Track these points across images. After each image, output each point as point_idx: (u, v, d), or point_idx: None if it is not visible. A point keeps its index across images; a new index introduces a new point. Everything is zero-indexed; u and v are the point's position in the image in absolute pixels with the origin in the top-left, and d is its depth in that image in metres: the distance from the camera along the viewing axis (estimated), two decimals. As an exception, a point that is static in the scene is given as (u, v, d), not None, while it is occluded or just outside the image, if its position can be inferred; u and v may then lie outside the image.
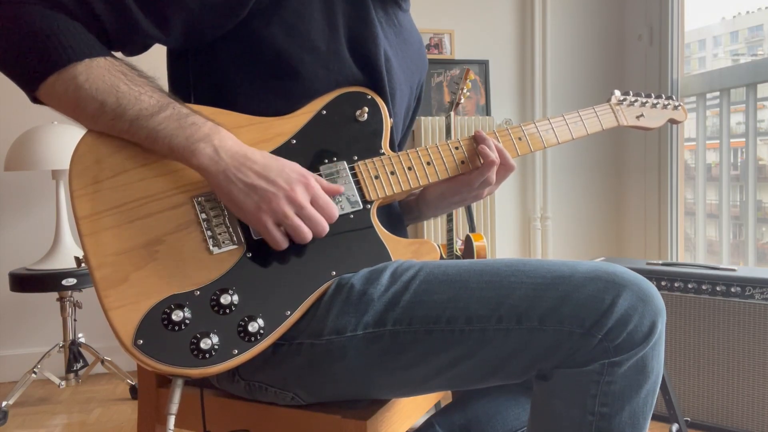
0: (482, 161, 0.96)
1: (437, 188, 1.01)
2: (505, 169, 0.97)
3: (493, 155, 0.95)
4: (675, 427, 1.70)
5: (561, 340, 0.74)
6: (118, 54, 0.83)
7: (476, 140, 0.97)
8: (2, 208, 2.58)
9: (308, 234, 0.81)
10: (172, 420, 0.76)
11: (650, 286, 0.77)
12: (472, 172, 0.97)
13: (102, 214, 0.78)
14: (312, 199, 0.81)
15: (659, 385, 0.78)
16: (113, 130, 0.79)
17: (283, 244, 0.81)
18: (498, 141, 0.99)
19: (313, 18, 0.89)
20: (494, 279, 0.78)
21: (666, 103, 1.16)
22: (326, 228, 0.82)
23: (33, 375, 2.22)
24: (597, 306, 0.73)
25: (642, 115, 1.13)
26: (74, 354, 2.33)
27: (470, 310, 0.77)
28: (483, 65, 2.97)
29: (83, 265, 2.12)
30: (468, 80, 2.17)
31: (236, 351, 0.76)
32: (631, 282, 0.75)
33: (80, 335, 2.36)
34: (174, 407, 0.76)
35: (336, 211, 0.84)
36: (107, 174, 0.79)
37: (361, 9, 0.94)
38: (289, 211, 0.79)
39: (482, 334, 0.76)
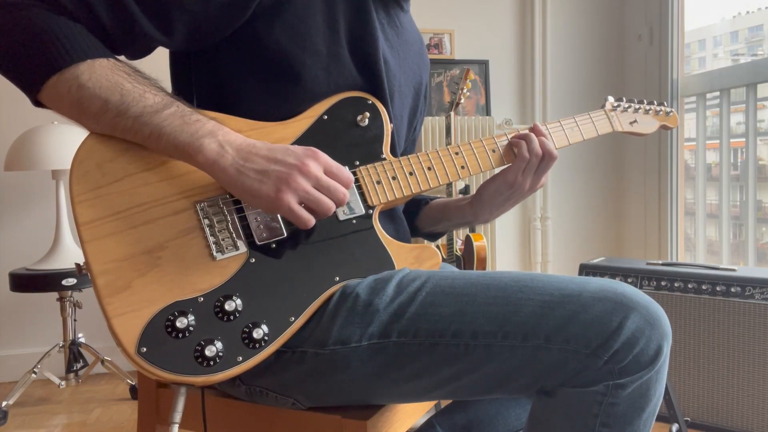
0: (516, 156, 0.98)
1: (489, 187, 1.02)
2: (549, 159, 0.99)
3: (525, 153, 0.97)
4: (675, 427, 1.70)
5: (566, 360, 0.74)
6: (121, 57, 0.82)
7: (533, 131, 1.00)
8: (2, 208, 2.58)
9: (331, 205, 0.79)
10: (176, 429, 0.75)
11: (658, 309, 0.76)
12: (510, 169, 0.99)
13: (103, 220, 0.77)
14: (324, 169, 0.80)
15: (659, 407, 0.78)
16: (116, 129, 0.78)
17: (311, 221, 0.79)
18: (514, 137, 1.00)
19: (314, 20, 0.89)
20: (501, 294, 0.78)
21: (658, 109, 1.17)
22: (346, 194, 0.81)
23: (33, 375, 2.21)
24: (604, 327, 0.73)
25: (635, 121, 1.14)
26: (74, 354, 2.33)
27: (476, 325, 0.76)
28: (483, 65, 2.96)
29: (84, 271, 2.12)
30: (468, 80, 2.17)
31: (241, 358, 0.76)
32: (640, 304, 0.75)
33: (80, 335, 2.36)
34: (178, 416, 0.76)
35: (350, 175, 0.82)
36: (108, 179, 0.78)
37: (362, 10, 0.93)
38: (308, 186, 0.77)
39: (487, 349, 0.76)
